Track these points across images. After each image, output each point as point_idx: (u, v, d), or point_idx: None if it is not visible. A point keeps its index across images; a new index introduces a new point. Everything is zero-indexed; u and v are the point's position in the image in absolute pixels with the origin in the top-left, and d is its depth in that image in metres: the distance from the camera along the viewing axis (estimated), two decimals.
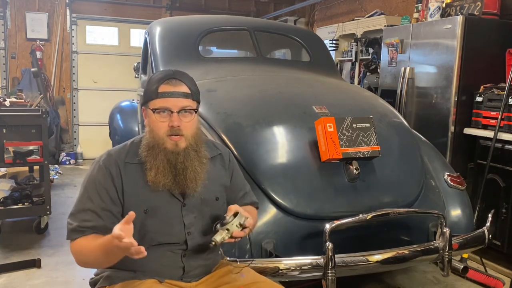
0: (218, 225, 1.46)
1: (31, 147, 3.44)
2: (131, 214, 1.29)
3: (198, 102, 1.54)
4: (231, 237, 1.44)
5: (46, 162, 3.57)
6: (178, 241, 1.51)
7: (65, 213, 4.17)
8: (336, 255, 1.93)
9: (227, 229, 1.43)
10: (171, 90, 1.47)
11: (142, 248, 1.26)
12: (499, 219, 3.14)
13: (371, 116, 2.34)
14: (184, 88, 1.49)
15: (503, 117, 3.15)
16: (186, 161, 1.47)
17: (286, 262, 1.95)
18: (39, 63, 6.66)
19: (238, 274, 1.55)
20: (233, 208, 1.48)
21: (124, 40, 7.36)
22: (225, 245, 1.56)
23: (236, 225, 1.44)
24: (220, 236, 1.43)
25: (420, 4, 4.21)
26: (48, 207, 3.55)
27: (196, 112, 1.52)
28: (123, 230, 1.26)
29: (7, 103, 3.60)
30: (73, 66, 7.09)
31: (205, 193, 1.55)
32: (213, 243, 1.42)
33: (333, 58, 5.29)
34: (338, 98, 2.82)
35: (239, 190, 1.73)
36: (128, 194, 1.48)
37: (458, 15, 3.62)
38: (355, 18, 5.81)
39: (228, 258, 1.71)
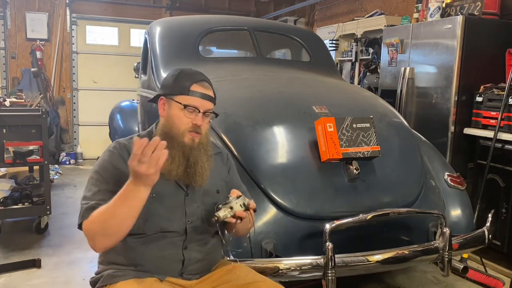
0: (221, 205, 1.48)
1: (31, 147, 3.44)
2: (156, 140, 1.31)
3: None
4: (234, 216, 1.46)
5: (46, 162, 3.57)
6: (178, 229, 1.54)
7: (65, 213, 4.17)
8: (336, 255, 1.93)
9: (231, 207, 1.46)
10: (203, 91, 1.57)
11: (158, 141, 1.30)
12: (499, 219, 3.14)
13: (371, 116, 2.34)
14: (211, 93, 1.61)
15: (503, 117, 3.15)
16: (198, 156, 1.54)
17: (286, 262, 1.95)
18: (39, 63, 6.66)
19: (234, 273, 1.57)
20: (236, 191, 1.53)
21: (124, 40, 7.36)
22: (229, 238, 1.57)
23: (240, 205, 1.46)
24: (223, 213, 1.44)
25: (420, 4, 4.21)
26: (48, 207, 3.55)
27: (216, 116, 1.64)
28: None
29: (7, 103, 3.60)
30: (73, 66, 7.09)
31: (207, 185, 1.60)
32: (216, 218, 1.44)
33: (333, 58, 5.30)
34: (338, 98, 2.82)
35: (237, 188, 1.75)
36: None
37: (458, 15, 3.62)
38: (355, 18, 5.81)
39: (228, 258, 1.72)
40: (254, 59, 3.51)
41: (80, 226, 1.45)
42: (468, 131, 3.50)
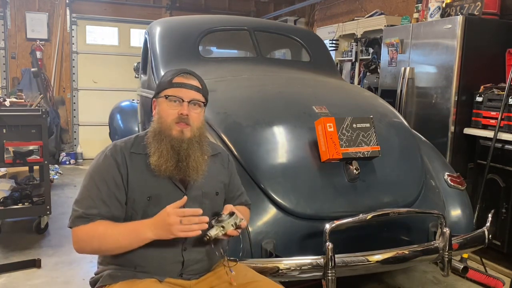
0: (213, 221, 1.51)
1: (31, 147, 3.44)
2: (184, 199, 1.43)
3: (206, 100, 1.63)
4: (225, 234, 1.50)
5: (46, 162, 3.56)
6: None
7: (65, 213, 4.17)
8: (336, 255, 1.93)
9: (223, 226, 1.49)
10: (185, 81, 1.57)
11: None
12: (499, 219, 3.14)
13: (371, 116, 2.34)
14: (196, 83, 1.59)
15: (503, 117, 3.15)
16: (190, 150, 1.53)
17: (286, 262, 1.95)
18: (39, 63, 6.67)
19: (228, 269, 1.58)
20: (229, 207, 1.55)
21: (124, 40, 7.36)
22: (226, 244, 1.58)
23: (232, 224, 1.50)
24: (215, 232, 1.48)
25: (420, 4, 4.21)
26: (48, 207, 3.55)
27: (204, 106, 1.61)
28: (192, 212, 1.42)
29: (7, 103, 3.60)
30: (73, 66, 7.09)
31: (206, 186, 1.61)
32: (207, 237, 1.48)
33: (333, 58, 5.29)
34: (338, 98, 2.82)
35: (237, 189, 1.79)
36: (132, 181, 1.52)
37: (458, 15, 3.62)
38: (355, 18, 5.81)
39: (227, 258, 1.72)
40: (254, 59, 3.51)
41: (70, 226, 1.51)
42: (468, 131, 3.50)
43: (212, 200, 1.63)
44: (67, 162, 6.83)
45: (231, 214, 1.51)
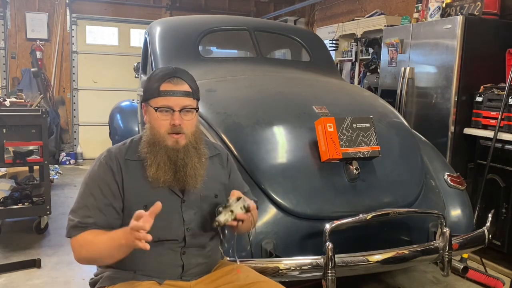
0: (221, 208, 1.46)
1: (31, 147, 3.44)
2: (158, 206, 1.31)
3: (198, 100, 1.57)
4: (235, 219, 1.44)
5: (46, 162, 3.57)
6: (177, 237, 1.51)
7: (65, 213, 4.17)
8: (336, 255, 1.93)
9: (231, 211, 1.44)
10: (173, 89, 1.48)
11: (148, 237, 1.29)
12: (499, 219, 3.14)
13: (371, 116, 2.34)
14: (186, 87, 1.51)
15: (503, 117, 3.15)
16: (186, 158, 1.49)
17: (286, 262, 1.95)
18: (39, 63, 6.67)
19: (235, 274, 1.57)
20: (236, 193, 1.50)
21: (124, 40, 7.36)
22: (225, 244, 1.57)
23: (240, 207, 1.44)
24: (224, 217, 1.43)
25: (420, 4, 4.21)
26: (48, 207, 3.56)
27: (196, 111, 1.54)
28: (146, 221, 1.29)
29: (7, 103, 3.59)
30: (73, 66, 7.09)
31: (205, 190, 1.57)
32: (217, 223, 1.43)
33: (333, 58, 5.29)
34: (338, 98, 2.82)
35: (240, 188, 1.73)
36: (128, 189, 1.50)
37: (458, 15, 3.62)
38: (355, 18, 5.81)
39: (228, 258, 1.72)
40: (254, 59, 3.51)
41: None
42: (468, 131, 3.49)
43: (211, 204, 1.59)
44: (67, 162, 6.83)
45: (238, 198, 1.46)
